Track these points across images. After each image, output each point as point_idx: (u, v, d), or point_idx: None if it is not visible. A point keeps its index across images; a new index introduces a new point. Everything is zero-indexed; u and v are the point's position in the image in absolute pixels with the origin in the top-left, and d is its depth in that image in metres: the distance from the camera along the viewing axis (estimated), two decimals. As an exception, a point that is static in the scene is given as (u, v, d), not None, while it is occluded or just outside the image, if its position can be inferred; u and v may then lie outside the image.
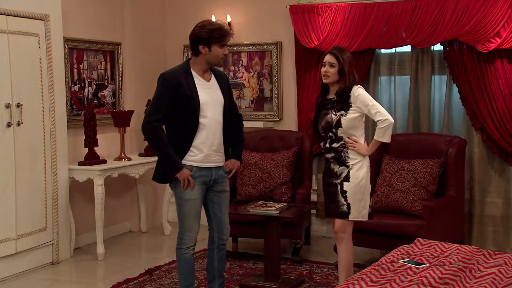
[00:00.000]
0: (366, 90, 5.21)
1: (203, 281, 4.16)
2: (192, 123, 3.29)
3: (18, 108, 4.29)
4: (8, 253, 4.27)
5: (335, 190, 3.54)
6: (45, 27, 4.52)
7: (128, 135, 5.35)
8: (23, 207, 4.36)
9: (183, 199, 3.36)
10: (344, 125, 3.49)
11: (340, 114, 3.49)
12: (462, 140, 4.66)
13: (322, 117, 3.57)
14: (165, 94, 3.30)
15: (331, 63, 3.49)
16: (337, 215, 3.54)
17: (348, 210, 3.51)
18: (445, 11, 4.70)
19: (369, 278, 2.69)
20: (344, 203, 3.51)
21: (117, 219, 5.58)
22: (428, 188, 4.43)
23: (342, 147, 3.52)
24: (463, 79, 4.76)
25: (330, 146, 3.56)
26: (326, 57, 3.54)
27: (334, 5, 5.12)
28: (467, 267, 2.81)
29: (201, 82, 3.35)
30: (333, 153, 3.54)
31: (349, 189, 3.50)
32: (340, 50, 3.56)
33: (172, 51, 5.96)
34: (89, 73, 5.24)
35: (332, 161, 3.56)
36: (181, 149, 3.32)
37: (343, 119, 3.48)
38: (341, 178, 3.52)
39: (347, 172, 3.51)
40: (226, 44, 3.36)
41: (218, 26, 3.35)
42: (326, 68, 3.51)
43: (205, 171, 3.35)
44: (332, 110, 3.52)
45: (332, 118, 3.51)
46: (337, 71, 3.49)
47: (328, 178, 3.60)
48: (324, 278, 4.27)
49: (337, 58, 3.49)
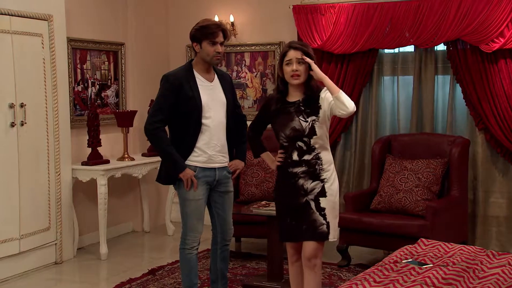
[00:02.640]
0: (369, 90, 5.30)
1: (206, 281, 4.16)
2: (195, 124, 3.29)
3: (22, 108, 4.30)
4: (11, 253, 4.27)
5: (307, 209, 3.02)
6: (49, 27, 4.53)
7: (131, 135, 5.36)
8: (26, 207, 4.37)
9: (186, 199, 3.36)
10: (319, 132, 3.00)
11: (312, 120, 2.99)
12: (465, 140, 4.65)
13: (284, 124, 3.03)
14: (167, 95, 3.31)
15: (299, 60, 3.00)
16: (315, 237, 3.02)
17: (328, 230, 3.01)
18: (449, 11, 4.69)
19: (372, 279, 2.68)
20: (323, 222, 3.00)
21: (120, 219, 5.59)
22: (431, 188, 4.42)
23: (315, 159, 3.02)
24: (466, 79, 4.75)
25: (300, 159, 3.03)
26: (290, 53, 3.01)
27: (337, 5, 5.11)
28: (470, 268, 2.80)
29: (204, 83, 3.35)
30: (305, 166, 3.02)
31: (327, 205, 3.02)
32: (303, 44, 3.12)
33: (175, 51, 5.96)
34: (92, 73, 5.25)
35: (303, 176, 3.02)
36: (184, 150, 3.33)
37: (316, 125, 2.99)
38: (314, 194, 3.02)
39: (322, 186, 3.03)
40: (217, 41, 3.26)
41: (210, 23, 3.31)
42: (295, 66, 2.99)
43: (208, 172, 3.35)
44: (299, 116, 3.01)
45: (301, 125, 2.99)
46: (306, 69, 3.01)
47: (292, 197, 3.05)
48: (327, 278, 4.26)
49: (306, 53, 3.02)
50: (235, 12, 5.63)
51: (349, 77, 5.15)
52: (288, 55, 3.02)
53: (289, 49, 3.03)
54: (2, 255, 4.21)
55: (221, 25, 3.35)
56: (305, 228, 3.03)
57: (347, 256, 4.55)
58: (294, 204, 3.05)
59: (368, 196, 4.67)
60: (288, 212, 3.09)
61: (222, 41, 3.30)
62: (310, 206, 3.02)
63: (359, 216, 4.42)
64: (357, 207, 4.56)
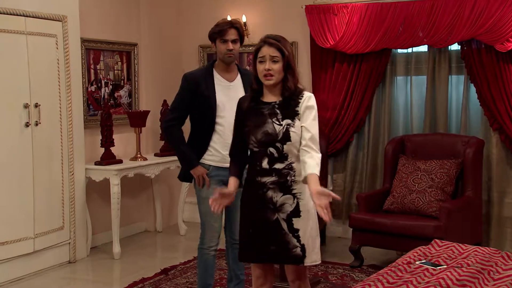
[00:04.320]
0: (382, 90, 5.28)
1: (218, 281, 4.16)
2: (209, 123, 3.32)
3: (36, 108, 4.34)
4: (26, 252, 4.31)
5: (278, 229, 2.64)
6: (63, 28, 4.56)
7: (144, 135, 5.38)
8: (40, 206, 4.41)
9: (200, 197, 3.40)
10: (294, 138, 2.62)
11: (287, 124, 2.63)
12: (479, 140, 4.61)
13: (255, 127, 2.66)
14: (184, 94, 3.37)
15: (273, 57, 2.63)
16: (287, 260, 2.69)
17: (303, 253, 2.65)
18: (463, 10, 4.65)
19: (385, 280, 2.67)
20: (297, 245, 2.63)
21: (133, 219, 5.62)
22: (445, 189, 4.39)
23: (288, 169, 2.63)
24: (481, 79, 4.71)
25: (270, 167, 2.64)
26: (264, 50, 2.64)
27: (350, 5, 5.09)
28: (485, 269, 2.77)
29: (222, 82, 3.36)
30: (275, 176, 2.63)
31: (301, 226, 2.64)
32: (279, 39, 2.67)
33: (188, 51, 5.97)
34: (105, 74, 5.28)
35: (272, 187, 2.63)
36: (199, 148, 3.36)
37: (291, 130, 2.62)
38: (286, 212, 2.63)
39: (296, 204, 2.63)
40: (228, 39, 3.26)
41: (221, 21, 3.34)
42: (268, 65, 2.62)
43: (222, 171, 3.35)
44: (272, 118, 2.65)
45: (275, 128, 2.63)
46: (281, 68, 2.64)
47: (258, 211, 2.66)
48: (339, 278, 4.25)
49: (281, 50, 2.64)
50: (248, 12, 5.63)
51: (362, 77, 5.12)
52: (262, 51, 2.65)
53: (263, 45, 2.66)
54: (17, 254, 4.25)
55: (233, 22, 3.33)
56: (273, 249, 2.65)
57: (359, 257, 4.53)
58: (261, 219, 2.66)
59: (381, 197, 4.65)
60: (253, 228, 2.69)
61: (234, 38, 3.29)
62: (282, 227, 2.63)
63: (372, 217, 4.40)
64: (369, 207, 4.54)
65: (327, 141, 5.11)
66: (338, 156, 5.35)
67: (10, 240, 4.18)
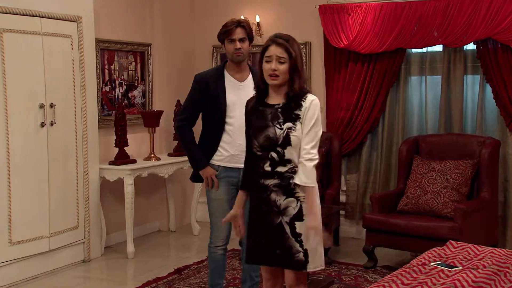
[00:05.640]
0: (396, 90, 5.25)
1: (231, 281, 4.17)
2: (219, 123, 3.32)
3: (52, 108, 4.38)
4: (41, 251, 4.35)
5: (282, 232, 2.61)
6: (78, 28, 4.59)
7: (157, 135, 5.40)
8: (56, 205, 4.44)
9: (209, 198, 3.41)
10: (294, 142, 2.58)
11: (288, 127, 2.59)
12: (495, 141, 4.56)
13: (258, 130, 2.63)
14: (194, 94, 3.39)
15: (280, 58, 2.59)
16: (290, 265, 2.63)
17: (305, 259, 2.60)
18: (479, 9, 4.60)
19: (400, 281, 2.65)
20: (300, 250, 2.59)
21: (147, 218, 5.64)
22: (460, 190, 4.35)
23: (290, 173, 2.60)
24: (497, 78, 4.66)
25: (272, 170, 2.62)
26: (271, 49, 2.60)
27: (364, 4, 5.07)
28: (501, 271, 2.74)
29: (232, 82, 3.36)
30: (277, 179, 2.61)
31: (304, 230, 2.60)
32: (288, 39, 2.63)
33: (201, 51, 5.99)
34: (119, 74, 5.31)
35: (275, 189, 2.61)
36: (209, 149, 3.37)
37: (292, 134, 2.58)
38: (289, 215, 2.60)
39: (299, 207, 2.60)
40: (235, 38, 3.27)
41: (228, 21, 3.34)
42: (274, 65, 2.59)
43: (231, 172, 3.34)
44: (274, 122, 2.60)
45: (276, 132, 2.59)
46: (288, 69, 2.60)
47: (264, 215, 2.64)
48: (353, 279, 4.23)
49: (288, 51, 2.59)
50: (261, 12, 5.63)
51: (376, 77, 5.10)
52: (269, 50, 2.61)
53: (271, 44, 2.62)
54: (32, 253, 4.29)
55: (240, 21, 3.32)
56: (279, 253, 2.62)
57: (373, 258, 4.50)
58: (267, 222, 2.63)
59: (395, 197, 4.62)
60: (259, 231, 2.67)
61: (241, 37, 3.29)
62: (285, 230, 2.60)
63: (386, 217, 4.37)
64: (383, 208, 4.52)
65: (340, 142, 5.09)
66: (351, 156, 5.32)
67: (25, 239, 4.22)
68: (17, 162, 4.14)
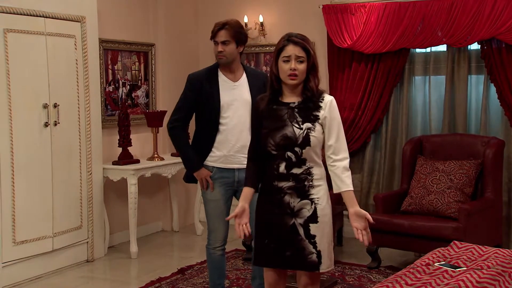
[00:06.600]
0: (400, 90, 5.24)
1: (234, 281, 4.16)
2: (212, 124, 3.30)
3: (55, 108, 4.38)
4: (45, 251, 4.36)
5: (295, 234, 2.60)
6: (81, 28, 4.60)
7: (161, 135, 5.40)
8: (59, 205, 4.45)
9: (205, 199, 3.40)
10: (314, 143, 2.56)
11: (307, 128, 2.56)
12: (500, 141, 4.54)
13: (274, 129, 2.59)
14: (187, 95, 3.38)
15: (299, 57, 2.57)
16: (304, 267, 2.64)
17: (319, 260, 2.61)
18: (483, 9, 4.59)
19: (404, 281, 2.64)
20: (313, 251, 2.59)
21: (150, 218, 5.64)
22: (464, 190, 4.33)
23: (306, 174, 2.58)
24: (501, 78, 4.64)
25: (287, 172, 2.58)
26: (289, 49, 2.57)
27: (367, 4, 5.06)
28: (506, 271, 2.73)
29: (226, 82, 3.34)
30: (292, 181, 2.58)
31: (318, 232, 2.60)
32: (304, 38, 2.63)
33: (205, 51, 5.98)
34: (123, 74, 5.31)
35: (290, 192, 2.58)
36: (203, 150, 3.34)
37: (312, 135, 2.56)
38: (304, 218, 2.59)
39: (313, 209, 2.60)
40: (218, 41, 3.28)
41: (216, 23, 3.34)
42: (293, 65, 2.55)
43: (226, 173, 3.32)
44: (292, 121, 2.58)
45: (295, 132, 2.56)
46: (306, 69, 2.58)
47: (276, 216, 2.62)
48: (356, 279, 4.22)
49: (307, 50, 2.58)
50: (265, 12, 5.62)
51: (380, 77, 5.09)
52: (287, 50, 2.57)
53: (287, 44, 2.59)
54: (36, 253, 4.29)
55: (225, 23, 3.30)
56: (289, 255, 2.61)
57: (377, 258, 4.49)
58: (278, 224, 2.61)
59: (399, 198, 4.61)
60: (269, 232, 2.65)
61: (223, 40, 3.28)
62: (298, 232, 2.59)
63: (390, 218, 4.36)
64: (387, 208, 4.51)
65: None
66: (355, 156, 5.31)
67: (29, 239, 4.23)
68: (21, 162, 4.15)
